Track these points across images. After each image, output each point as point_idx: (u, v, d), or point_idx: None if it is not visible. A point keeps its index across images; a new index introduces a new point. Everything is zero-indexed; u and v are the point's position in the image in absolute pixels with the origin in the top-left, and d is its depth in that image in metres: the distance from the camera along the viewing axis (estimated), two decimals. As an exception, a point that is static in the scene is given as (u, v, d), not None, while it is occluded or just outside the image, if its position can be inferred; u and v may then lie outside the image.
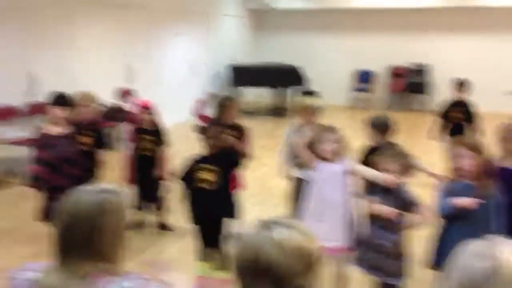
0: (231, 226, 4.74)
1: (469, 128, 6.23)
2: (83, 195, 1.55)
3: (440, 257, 3.13)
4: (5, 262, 4.19)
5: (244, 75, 11.77)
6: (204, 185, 3.74)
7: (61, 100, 4.15)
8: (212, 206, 3.77)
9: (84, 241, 1.51)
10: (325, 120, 4.30)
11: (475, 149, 3.03)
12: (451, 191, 3.06)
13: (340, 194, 3.44)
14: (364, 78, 13.59)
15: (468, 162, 3.01)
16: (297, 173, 4.49)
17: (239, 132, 4.68)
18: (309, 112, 4.44)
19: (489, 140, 3.82)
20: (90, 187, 1.59)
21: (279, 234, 1.27)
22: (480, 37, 12.57)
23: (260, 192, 6.27)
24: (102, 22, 8.31)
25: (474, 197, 2.93)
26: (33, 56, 6.93)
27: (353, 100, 13.64)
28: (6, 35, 6.49)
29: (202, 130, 3.89)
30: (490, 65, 12.36)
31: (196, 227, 3.92)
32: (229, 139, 4.15)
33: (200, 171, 3.75)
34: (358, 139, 4.22)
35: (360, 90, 13.57)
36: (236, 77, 11.83)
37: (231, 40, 12.97)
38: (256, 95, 13.41)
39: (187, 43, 10.89)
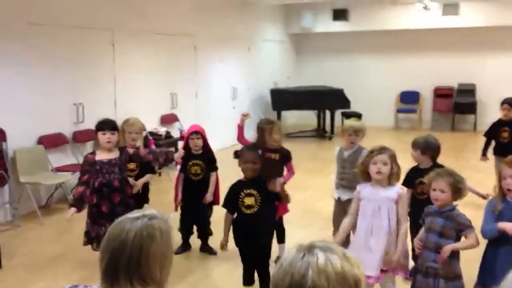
0: (278, 251, 4.75)
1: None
2: (131, 220, 1.59)
3: (487, 278, 3.03)
4: (57, 286, 4.31)
5: (287, 98, 11.82)
6: (246, 210, 3.75)
7: (107, 125, 4.25)
8: (254, 230, 3.76)
9: (131, 266, 1.53)
10: (369, 142, 4.25)
11: None
12: (498, 211, 3.00)
13: (387, 221, 3.36)
14: (409, 98, 13.40)
15: None
16: (343, 195, 4.45)
17: (281, 155, 4.69)
18: (351, 134, 4.39)
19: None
20: (138, 213, 1.63)
21: (321, 258, 1.25)
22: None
23: (304, 215, 6.23)
24: (147, 49, 8.55)
25: None
26: (78, 86, 7.19)
27: (399, 121, 13.45)
28: (55, 66, 6.78)
29: (238, 154, 3.89)
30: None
31: (241, 251, 3.92)
32: (277, 185, 4.11)
33: (242, 196, 3.76)
34: (405, 161, 4.14)
35: (405, 111, 13.38)
36: (279, 101, 11.90)
37: (274, 64, 13.09)
38: (299, 118, 13.42)
39: (230, 68, 11.06)
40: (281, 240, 4.89)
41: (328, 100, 11.97)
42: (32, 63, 6.43)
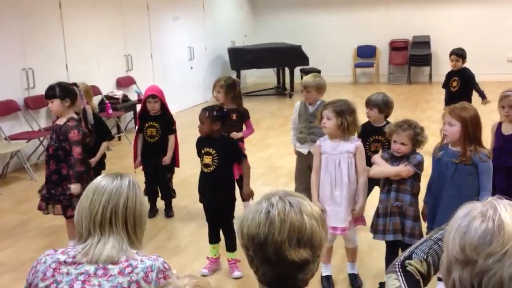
0: (243, 208, 4.79)
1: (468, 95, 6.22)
2: (114, 178, 1.71)
3: (433, 220, 3.23)
4: (17, 257, 4.24)
5: (245, 57, 11.71)
6: (204, 168, 3.79)
7: (46, 94, 4.06)
8: (212, 189, 3.80)
9: (129, 216, 1.67)
10: (329, 97, 4.27)
11: (460, 116, 3.06)
12: (438, 155, 3.22)
13: (347, 174, 3.43)
14: (366, 53, 13.49)
15: (453, 129, 3.07)
16: (302, 148, 4.49)
17: (239, 114, 4.68)
18: (312, 90, 4.40)
19: (492, 107, 3.81)
20: (107, 176, 1.74)
21: (274, 209, 1.27)
22: (480, 6, 12.43)
23: (268, 172, 6.28)
24: (97, 9, 8.24)
25: (458, 163, 3.10)
26: (28, 50, 6.90)
27: (357, 76, 13.57)
28: (4, 35, 6.46)
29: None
30: (492, 33, 12.22)
31: (204, 209, 3.95)
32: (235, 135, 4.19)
33: (202, 153, 3.80)
34: (363, 115, 4.17)
35: (362, 65, 13.49)
36: (237, 60, 11.77)
37: (230, 23, 12.87)
38: (258, 77, 13.36)
39: (186, 28, 10.82)
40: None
41: (287, 57, 11.91)
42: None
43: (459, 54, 6.39)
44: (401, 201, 3.29)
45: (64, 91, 4.03)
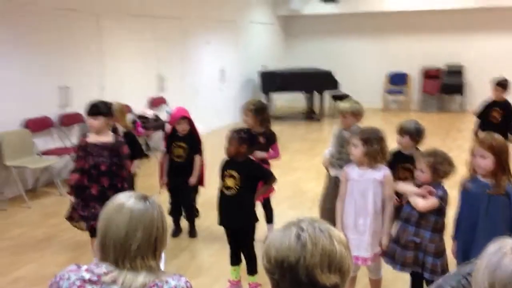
0: (267, 231, 4.78)
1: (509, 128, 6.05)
2: (139, 199, 1.68)
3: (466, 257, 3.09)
4: (41, 271, 4.30)
5: (275, 81, 11.78)
6: (225, 190, 3.78)
7: (89, 110, 4.16)
8: (233, 212, 3.79)
9: (158, 241, 1.66)
10: (359, 123, 4.24)
11: (492, 147, 2.99)
12: (467, 189, 3.12)
13: (373, 202, 3.38)
14: (398, 80, 13.42)
15: (486, 161, 2.99)
16: (331, 171, 4.44)
17: (266, 138, 4.69)
18: (348, 115, 4.34)
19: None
20: (130, 195, 1.71)
21: (304, 233, 1.27)
22: (517, 34, 12.26)
23: (293, 196, 6.25)
24: (134, 32, 8.45)
25: (492, 194, 2.98)
26: (66, 69, 7.10)
27: (387, 102, 13.48)
28: (40, 51, 6.68)
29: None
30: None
31: (225, 231, 3.94)
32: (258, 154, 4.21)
33: (225, 175, 3.79)
34: (393, 142, 4.11)
35: (393, 92, 13.41)
36: (267, 83, 11.86)
37: (262, 47, 13.02)
38: (287, 100, 13.40)
39: (218, 51, 10.98)
40: (270, 220, 4.92)
41: (317, 82, 11.95)
42: (17, 46, 6.33)
43: (504, 84, 6.24)
44: (421, 237, 3.19)
45: (107, 109, 4.16)
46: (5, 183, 6.10)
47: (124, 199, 1.69)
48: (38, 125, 6.67)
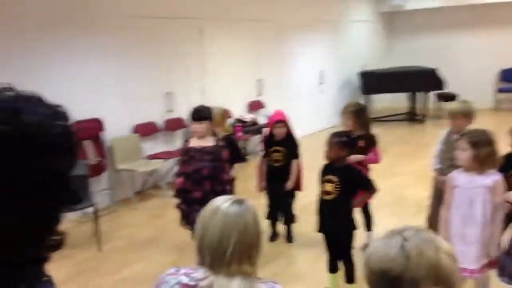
0: (366, 238, 4.66)
1: None
2: (234, 204, 1.68)
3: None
4: (148, 270, 4.52)
5: (376, 81, 11.47)
6: (324, 196, 3.74)
7: (194, 115, 4.29)
8: (331, 217, 3.74)
9: (252, 246, 1.65)
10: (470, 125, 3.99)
11: None
12: None
13: (481, 210, 3.16)
14: (511, 77, 12.48)
15: None
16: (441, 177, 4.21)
17: (366, 141, 4.56)
18: (458, 117, 4.11)
19: None
20: (226, 199, 1.71)
21: (409, 243, 1.21)
22: None
23: (394, 201, 6.03)
24: (233, 36, 8.64)
25: None
26: (170, 75, 7.42)
27: (498, 101, 12.59)
28: (147, 59, 7.03)
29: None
30: None
31: (324, 237, 3.89)
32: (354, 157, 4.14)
33: (323, 180, 3.75)
34: (505, 145, 3.82)
35: (507, 90, 12.49)
36: (368, 84, 11.58)
37: (362, 46, 12.73)
38: (388, 101, 12.99)
39: (317, 52, 10.91)
40: (369, 227, 4.80)
41: (420, 81, 11.45)
42: (126, 55, 6.72)
43: None
44: None
45: (210, 114, 4.30)
46: (116, 186, 6.50)
47: (220, 203, 1.70)
48: (146, 130, 7.03)
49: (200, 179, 4.22)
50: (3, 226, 0.68)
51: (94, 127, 6.21)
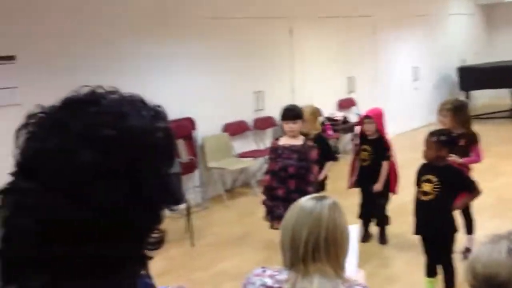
0: (466, 241, 4.40)
1: None
2: (313, 200, 1.66)
3: None
4: (240, 267, 4.55)
5: (476, 77, 10.83)
6: (422, 196, 3.57)
7: (289, 115, 4.31)
8: (430, 219, 3.56)
9: (329, 242, 1.60)
10: None
11: None
12: None
13: None
14: None
15: None
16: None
17: (467, 139, 4.31)
18: None
19: None
20: (309, 197, 1.70)
21: None
22: None
23: (497, 204, 5.65)
24: (323, 34, 8.53)
25: None
26: (260, 74, 7.46)
27: None
28: (237, 59, 7.11)
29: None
30: None
31: (421, 240, 3.71)
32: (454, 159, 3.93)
33: (421, 181, 3.58)
34: None
35: None
36: (467, 79, 10.96)
37: (461, 40, 12.08)
38: (490, 97, 12.23)
39: (412, 48, 10.50)
40: (469, 230, 4.53)
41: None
42: (216, 55, 6.85)
43: None
44: None
45: (302, 113, 4.32)
46: (207, 183, 6.65)
47: (301, 200, 1.70)
48: (236, 129, 7.13)
49: (285, 177, 4.26)
50: (107, 225, 0.70)
51: (186, 126, 6.38)
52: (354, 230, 1.75)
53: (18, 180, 0.73)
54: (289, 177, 4.24)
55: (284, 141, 4.33)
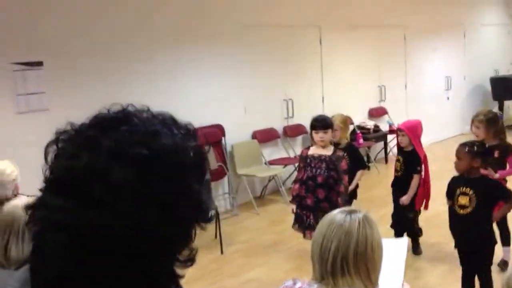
0: (502, 253, 4.28)
1: None
2: (344, 213, 1.64)
3: None
4: (270, 275, 4.51)
5: (510, 87, 10.59)
6: (459, 210, 3.48)
7: (320, 124, 4.29)
8: (467, 232, 3.48)
9: (358, 256, 1.57)
10: None
11: None
12: None
13: None
14: None
15: None
16: None
17: (501, 150, 4.21)
18: None
19: None
20: (340, 210, 1.68)
21: None
22: None
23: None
24: (354, 42, 8.47)
25: None
26: (289, 82, 7.44)
27: None
28: (267, 67, 7.10)
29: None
30: None
31: (458, 252, 3.61)
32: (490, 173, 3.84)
33: (457, 194, 3.49)
34: None
35: None
36: (500, 89, 10.74)
37: (494, 50, 11.85)
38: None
39: (444, 57, 10.35)
40: (506, 242, 4.40)
41: None
42: (247, 62, 6.85)
43: None
44: None
45: (332, 123, 4.34)
46: (237, 190, 6.63)
47: (332, 212, 1.69)
48: (265, 136, 7.10)
49: (314, 186, 4.26)
50: (141, 241, 0.70)
51: (216, 133, 6.39)
52: (403, 244, 1.70)
53: (47, 196, 0.73)
54: (317, 186, 4.24)
55: (313, 150, 4.34)
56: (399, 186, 4.76)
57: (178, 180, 0.73)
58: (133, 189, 0.70)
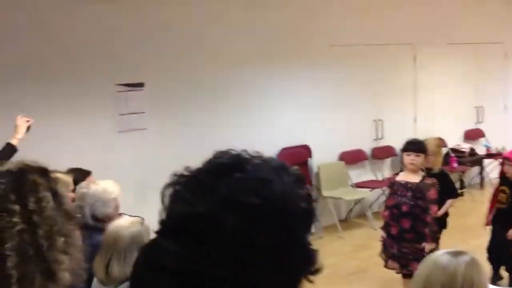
0: None
1: None
2: (450, 254, 1.58)
3: None
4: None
5: None
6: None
7: (413, 146, 4.11)
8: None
9: None
10: None
11: None
12: None
13: None
14: None
15: None
16: None
17: None
18: None
19: None
20: (446, 254, 1.60)
21: None
22: None
23: None
24: (449, 61, 8.10)
25: None
26: (379, 102, 7.23)
27: None
28: (355, 86, 6.95)
29: None
30: None
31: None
32: None
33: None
34: None
35: None
36: None
37: None
38: None
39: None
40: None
41: None
42: (335, 82, 6.76)
43: None
44: None
45: (425, 148, 4.14)
46: (321, 212, 6.51)
47: (436, 253, 1.63)
48: (353, 158, 6.94)
49: (398, 215, 4.09)
50: None
51: (302, 153, 6.34)
52: None
53: (162, 239, 0.76)
54: (402, 215, 4.06)
55: (401, 176, 4.18)
56: (503, 218, 4.43)
57: (290, 231, 0.75)
58: (245, 238, 0.71)
